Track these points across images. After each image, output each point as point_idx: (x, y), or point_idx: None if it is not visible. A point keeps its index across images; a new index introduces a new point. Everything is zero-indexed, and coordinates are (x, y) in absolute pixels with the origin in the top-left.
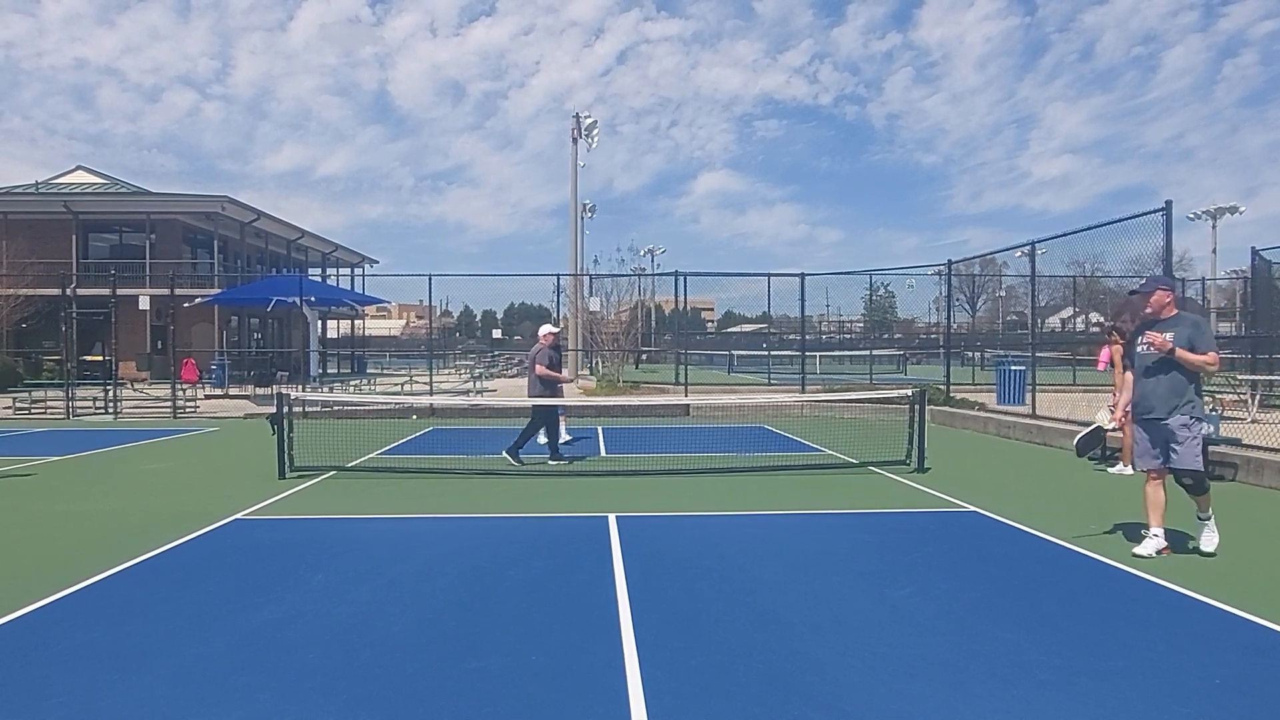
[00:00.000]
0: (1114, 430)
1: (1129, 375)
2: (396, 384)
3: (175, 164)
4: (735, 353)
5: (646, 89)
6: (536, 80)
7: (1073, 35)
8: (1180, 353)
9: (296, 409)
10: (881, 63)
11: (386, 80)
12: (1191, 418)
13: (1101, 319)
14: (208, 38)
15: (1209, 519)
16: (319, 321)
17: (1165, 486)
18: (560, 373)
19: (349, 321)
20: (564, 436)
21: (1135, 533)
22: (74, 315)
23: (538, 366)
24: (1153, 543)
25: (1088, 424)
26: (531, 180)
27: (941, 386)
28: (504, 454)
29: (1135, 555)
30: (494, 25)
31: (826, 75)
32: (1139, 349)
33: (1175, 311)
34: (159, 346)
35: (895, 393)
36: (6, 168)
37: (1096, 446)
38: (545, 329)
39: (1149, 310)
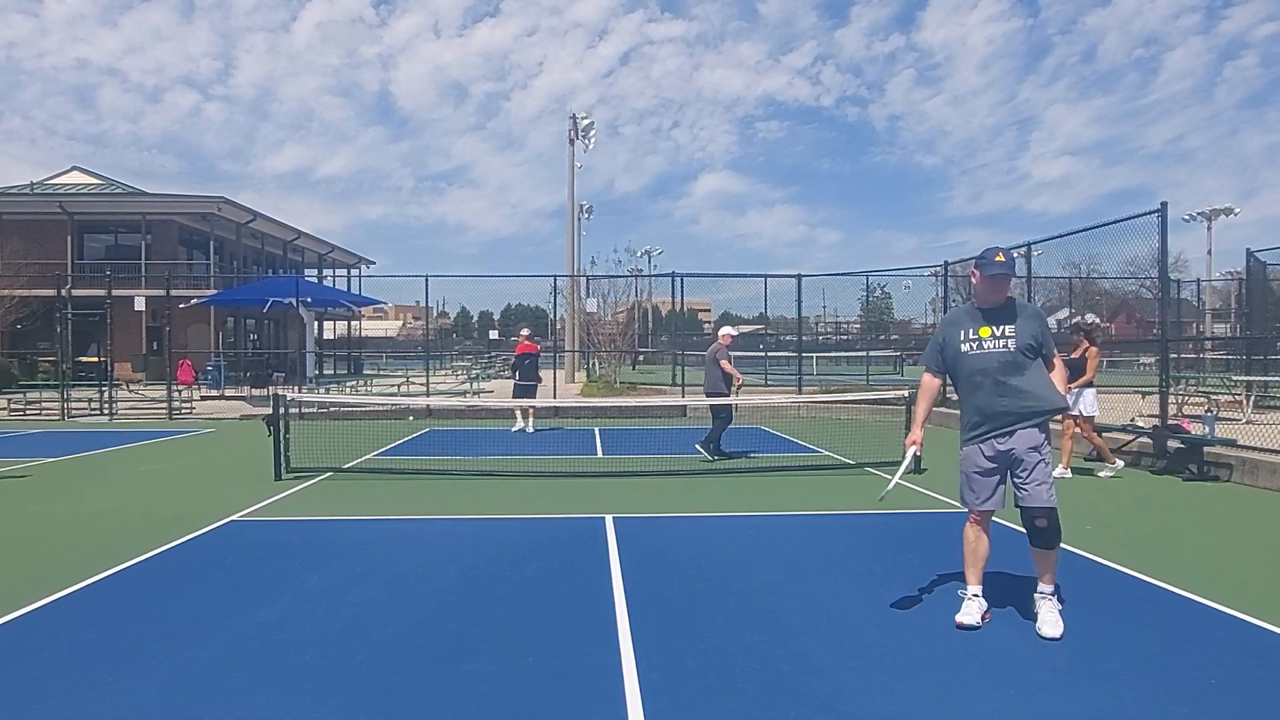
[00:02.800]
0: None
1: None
2: (393, 385)
3: (175, 164)
4: (732, 354)
5: (649, 90)
6: (539, 81)
7: (1075, 37)
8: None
9: (293, 410)
10: (884, 64)
11: (389, 81)
12: (1046, 438)
13: (1096, 320)
14: (210, 38)
15: (1052, 593)
16: (315, 322)
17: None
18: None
19: (345, 323)
20: (524, 426)
21: (1132, 533)
22: (69, 316)
23: (722, 363)
24: (975, 605)
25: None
26: (533, 181)
27: None
28: (714, 458)
29: (961, 625)
30: (498, 26)
31: (829, 77)
32: (965, 348)
33: (1009, 296)
34: (155, 348)
35: (892, 393)
36: (5, 168)
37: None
38: (725, 330)
39: (988, 295)
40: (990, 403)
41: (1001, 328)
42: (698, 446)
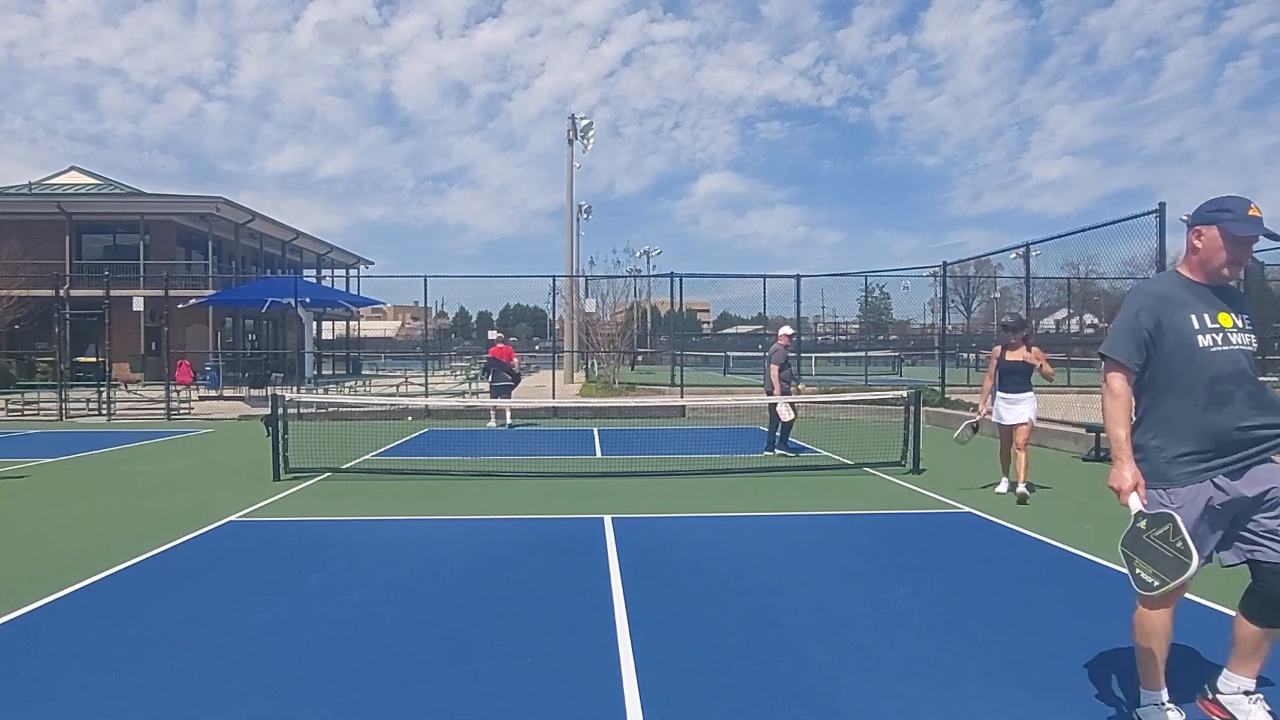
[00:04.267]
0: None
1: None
2: (392, 385)
3: (176, 165)
4: (731, 354)
5: (651, 90)
6: (541, 82)
7: (1077, 38)
8: None
9: (291, 410)
10: (886, 65)
11: (391, 82)
12: None
13: (1096, 320)
14: (212, 38)
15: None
16: (314, 323)
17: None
18: (789, 370)
19: (344, 323)
20: (505, 422)
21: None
22: (67, 316)
23: (771, 370)
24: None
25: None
26: (534, 182)
27: (936, 388)
28: (764, 454)
29: None
30: (500, 27)
31: (831, 77)
32: (1203, 341)
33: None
34: (153, 348)
35: (890, 394)
36: (5, 168)
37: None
38: (784, 330)
39: (1225, 267)
40: (1236, 424)
41: (1241, 316)
42: (776, 451)
